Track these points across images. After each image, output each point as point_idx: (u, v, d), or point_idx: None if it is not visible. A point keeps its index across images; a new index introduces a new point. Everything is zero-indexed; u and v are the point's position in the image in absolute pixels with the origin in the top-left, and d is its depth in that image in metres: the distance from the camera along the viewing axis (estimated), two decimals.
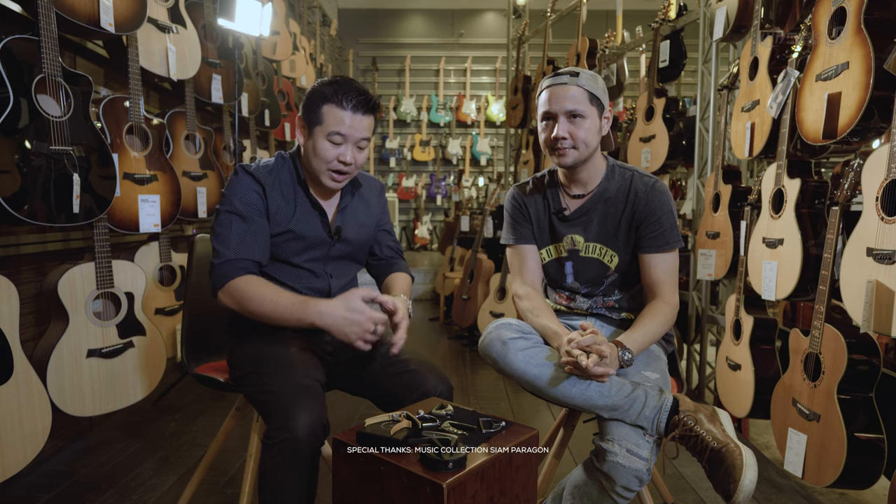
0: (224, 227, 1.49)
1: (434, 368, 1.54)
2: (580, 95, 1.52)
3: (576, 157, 1.55)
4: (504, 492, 1.18)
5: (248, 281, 1.45)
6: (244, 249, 1.48)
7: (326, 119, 1.47)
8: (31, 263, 2.18)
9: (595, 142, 1.55)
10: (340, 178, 1.52)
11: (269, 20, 3.26)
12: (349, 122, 1.46)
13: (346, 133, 1.47)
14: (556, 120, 1.54)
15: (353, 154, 1.50)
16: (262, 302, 1.42)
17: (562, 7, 4.89)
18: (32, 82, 1.83)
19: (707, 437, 1.34)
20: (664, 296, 1.58)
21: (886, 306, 1.55)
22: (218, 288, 1.46)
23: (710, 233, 2.70)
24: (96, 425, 2.54)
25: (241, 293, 1.44)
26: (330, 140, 1.47)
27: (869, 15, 1.74)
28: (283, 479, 1.25)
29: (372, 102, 1.50)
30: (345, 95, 1.46)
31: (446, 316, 4.99)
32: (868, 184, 1.64)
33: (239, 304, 1.45)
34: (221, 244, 1.48)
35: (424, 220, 8.12)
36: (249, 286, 1.44)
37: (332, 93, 1.46)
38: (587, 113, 1.52)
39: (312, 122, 1.49)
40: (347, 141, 1.48)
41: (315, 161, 1.50)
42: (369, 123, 1.51)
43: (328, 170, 1.50)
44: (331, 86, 1.47)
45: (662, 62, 3.39)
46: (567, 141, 1.53)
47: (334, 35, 7.31)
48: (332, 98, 1.46)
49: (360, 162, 1.53)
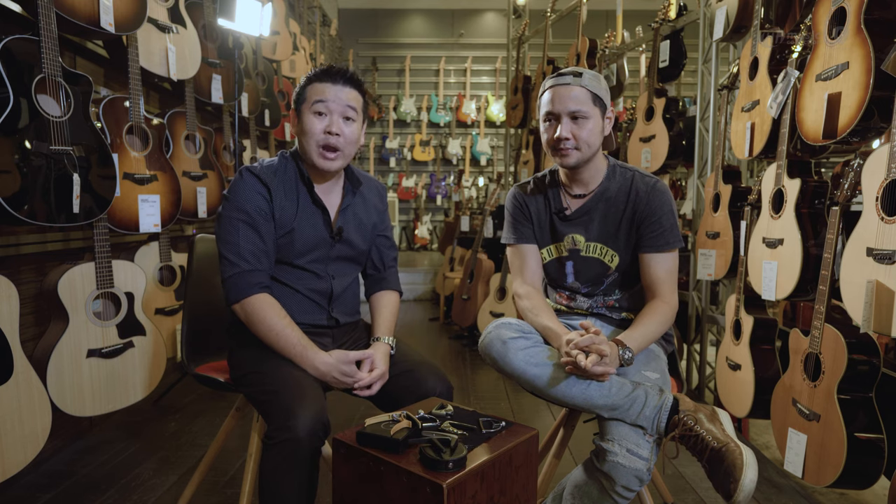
0: (233, 235, 1.49)
1: (434, 369, 1.55)
2: (583, 96, 1.52)
3: (578, 158, 1.55)
4: (504, 492, 1.18)
5: (264, 303, 1.47)
6: (257, 261, 1.49)
7: (309, 95, 1.51)
8: (31, 263, 2.18)
9: (597, 142, 1.56)
10: (332, 154, 1.51)
11: (269, 20, 3.26)
12: (330, 92, 1.50)
13: (328, 100, 1.49)
14: (559, 120, 1.54)
15: (340, 125, 1.51)
16: (270, 330, 1.46)
17: (562, 7, 4.89)
18: (32, 82, 1.83)
19: (707, 436, 1.34)
20: (663, 295, 1.58)
21: (886, 306, 1.55)
22: (233, 301, 1.48)
23: (710, 233, 2.70)
24: (96, 425, 2.54)
25: (254, 314, 1.47)
26: (315, 112, 1.50)
27: (869, 15, 1.74)
28: (284, 479, 1.25)
29: (352, 75, 1.54)
30: (325, 71, 1.52)
31: (446, 316, 4.99)
32: (868, 184, 1.64)
33: (248, 321, 1.48)
34: (233, 254, 1.48)
35: (424, 220, 8.12)
36: (264, 310, 1.47)
37: (314, 73, 1.53)
38: (590, 114, 1.52)
39: (299, 104, 1.53)
40: (332, 111, 1.50)
41: (305, 140, 1.52)
42: (352, 95, 1.53)
43: (317, 146, 1.51)
44: (316, 69, 1.54)
45: (662, 62, 3.39)
46: (570, 142, 1.53)
47: (334, 35, 7.31)
48: (314, 77, 1.53)
49: (350, 136, 1.53)
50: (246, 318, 1.48)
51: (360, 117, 1.56)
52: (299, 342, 1.46)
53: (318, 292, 1.59)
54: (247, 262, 1.47)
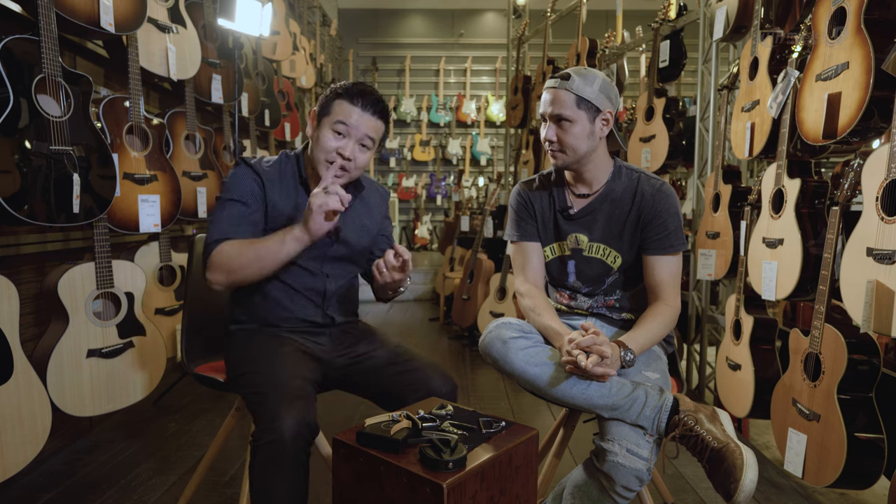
0: (217, 213, 1.52)
1: (439, 368, 1.55)
2: (567, 100, 1.52)
3: (564, 160, 1.57)
4: (504, 492, 1.18)
5: (224, 245, 1.47)
6: (233, 230, 1.49)
7: (335, 110, 1.51)
8: (31, 263, 2.18)
9: (585, 146, 1.55)
10: (339, 173, 1.52)
11: (269, 20, 3.26)
12: (356, 116, 1.50)
13: (351, 125, 1.49)
14: (546, 123, 1.57)
15: (354, 151, 1.51)
16: (247, 258, 1.44)
17: (562, 7, 4.89)
18: (32, 82, 1.83)
19: (707, 436, 1.34)
20: (666, 298, 1.58)
21: (886, 306, 1.55)
22: (205, 270, 1.48)
23: (710, 233, 2.70)
24: (96, 425, 2.54)
25: (222, 259, 1.45)
26: (334, 130, 1.50)
27: (869, 15, 1.74)
28: (272, 480, 1.25)
29: (382, 105, 1.54)
30: (358, 94, 1.51)
31: (446, 316, 4.99)
32: (868, 184, 1.64)
33: (227, 273, 1.46)
34: (213, 228, 1.50)
35: (424, 220, 8.12)
36: (226, 248, 1.46)
37: (346, 90, 1.52)
38: (573, 117, 1.53)
39: (322, 114, 1.53)
40: (351, 135, 1.50)
41: (316, 150, 1.53)
42: (376, 125, 1.53)
43: (325, 160, 1.51)
44: (349, 85, 1.53)
45: (662, 62, 3.39)
46: (554, 144, 1.56)
47: (334, 35, 7.31)
48: (345, 94, 1.51)
49: (361, 162, 1.54)
50: (224, 273, 1.46)
51: (376, 146, 1.57)
52: (277, 238, 1.45)
53: (313, 290, 1.60)
54: (221, 232, 1.49)
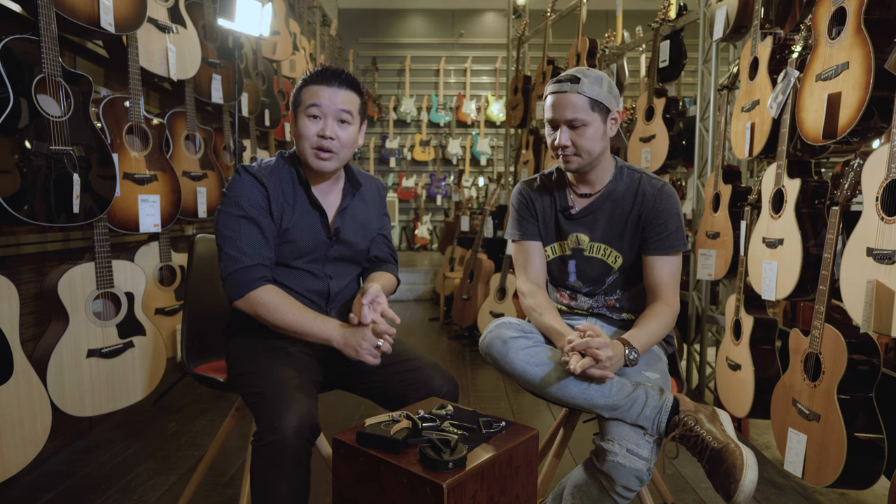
0: (234, 231, 1.47)
1: (439, 368, 1.55)
2: (581, 103, 1.51)
3: (580, 164, 1.56)
4: (504, 492, 1.18)
5: (269, 292, 1.46)
6: (258, 254, 1.48)
7: (304, 98, 1.50)
8: (31, 263, 2.18)
9: (598, 147, 1.55)
10: (325, 154, 1.50)
11: (269, 20, 3.26)
12: (325, 94, 1.49)
13: (323, 104, 1.48)
14: (558, 128, 1.54)
15: (334, 128, 1.49)
16: (283, 319, 1.44)
17: (562, 7, 4.89)
18: (32, 82, 1.83)
19: (707, 437, 1.34)
20: (666, 298, 1.58)
21: (886, 306, 1.55)
22: (236, 297, 1.47)
23: (710, 233, 2.70)
24: (96, 425, 2.54)
25: (263, 306, 1.45)
26: (309, 115, 1.49)
27: (869, 15, 1.74)
28: (272, 480, 1.25)
29: (348, 76, 1.52)
30: (320, 73, 1.50)
31: (446, 316, 4.99)
32: (868, 184, 1.64)
33: (257, 315, 1.46)
34: (234, 249, 1.47)
35: (424, 220, 8.12)
36: (271, 297, 1.45)
37: (310, 75, 1.52)
38: (588, 121, 1.52)
39: (296, 107, 1.53)
40: (326, 115, 1.49)
41: (299, 142, 1.52)
42: (348, 96, 1.51)
43: (311, 148, 1.50)
44: (312, 71, 1.53)
45: (662, 62, 3.39)
46: (570, 149, 1.54)
47: (334, 35, 7.31)
48: (310, 79, 1.51)
49: (345, 139, 1.51)
50: (254, 312, 1.46)
51: (357, 119, 1.54)
52: (317, 316, 1.46)
53: (316, 292, 1.59)
54: (248, 256, 1.46)
